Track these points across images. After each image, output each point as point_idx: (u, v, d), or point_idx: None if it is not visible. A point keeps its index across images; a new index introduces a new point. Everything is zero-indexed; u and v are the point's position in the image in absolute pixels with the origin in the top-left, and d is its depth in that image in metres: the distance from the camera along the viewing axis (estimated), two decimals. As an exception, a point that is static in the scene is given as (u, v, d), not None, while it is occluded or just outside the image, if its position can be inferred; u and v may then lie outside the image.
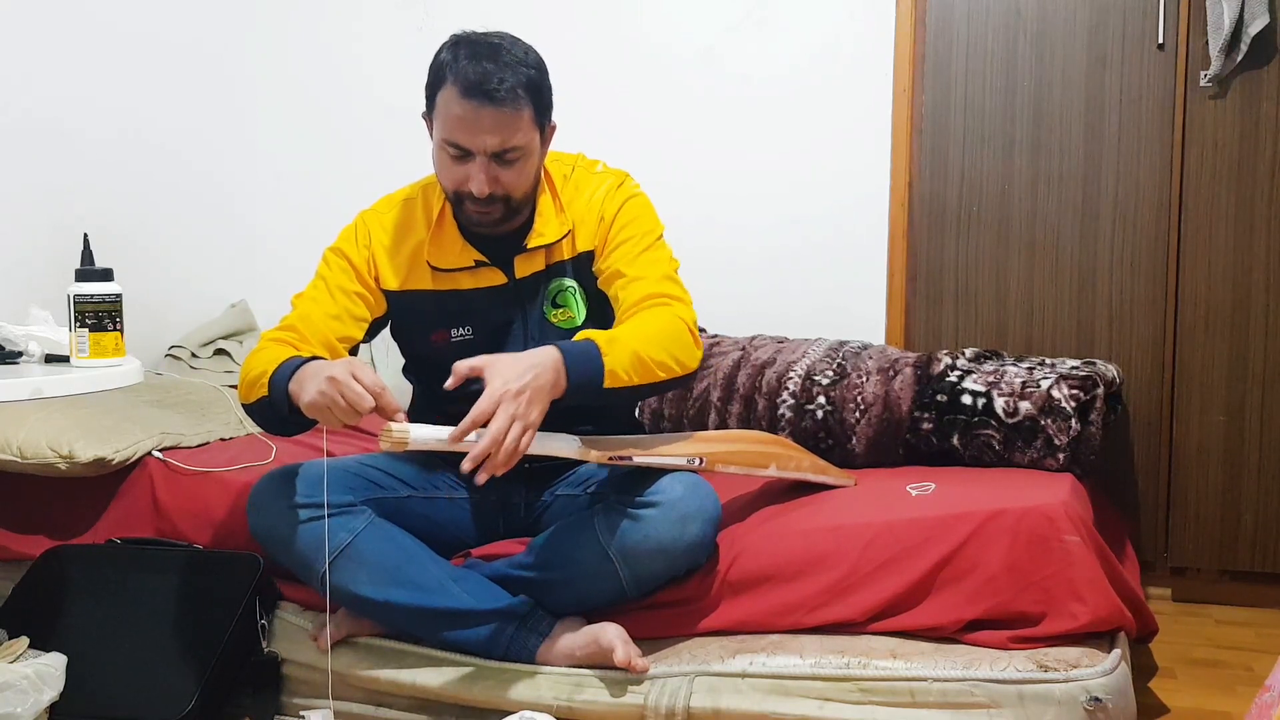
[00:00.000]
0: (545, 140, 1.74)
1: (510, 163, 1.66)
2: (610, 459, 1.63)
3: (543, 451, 1.58)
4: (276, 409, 1.60)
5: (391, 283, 1.79)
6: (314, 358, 1.63)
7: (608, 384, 1.55)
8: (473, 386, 1.52)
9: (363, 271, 1.78)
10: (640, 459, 1.63)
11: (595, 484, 1.78)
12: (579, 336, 1.61)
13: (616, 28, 2.82)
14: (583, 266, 1.81)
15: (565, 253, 1.81)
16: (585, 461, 1.66)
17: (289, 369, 1.59)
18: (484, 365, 1.50)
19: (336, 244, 1.82)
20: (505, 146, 1.63)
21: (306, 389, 1.53)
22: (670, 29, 2.79)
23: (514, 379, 1.48)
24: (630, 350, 1.58)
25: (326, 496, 1.65)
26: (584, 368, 1.54)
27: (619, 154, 2.26)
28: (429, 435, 1.50)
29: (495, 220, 1.71)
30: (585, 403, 1.56)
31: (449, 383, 1.50)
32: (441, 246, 1.77)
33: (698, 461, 1.72)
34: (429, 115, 1.70)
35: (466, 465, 1.46)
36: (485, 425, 1.47)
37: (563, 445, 1.60)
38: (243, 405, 1.71)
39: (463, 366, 1.50)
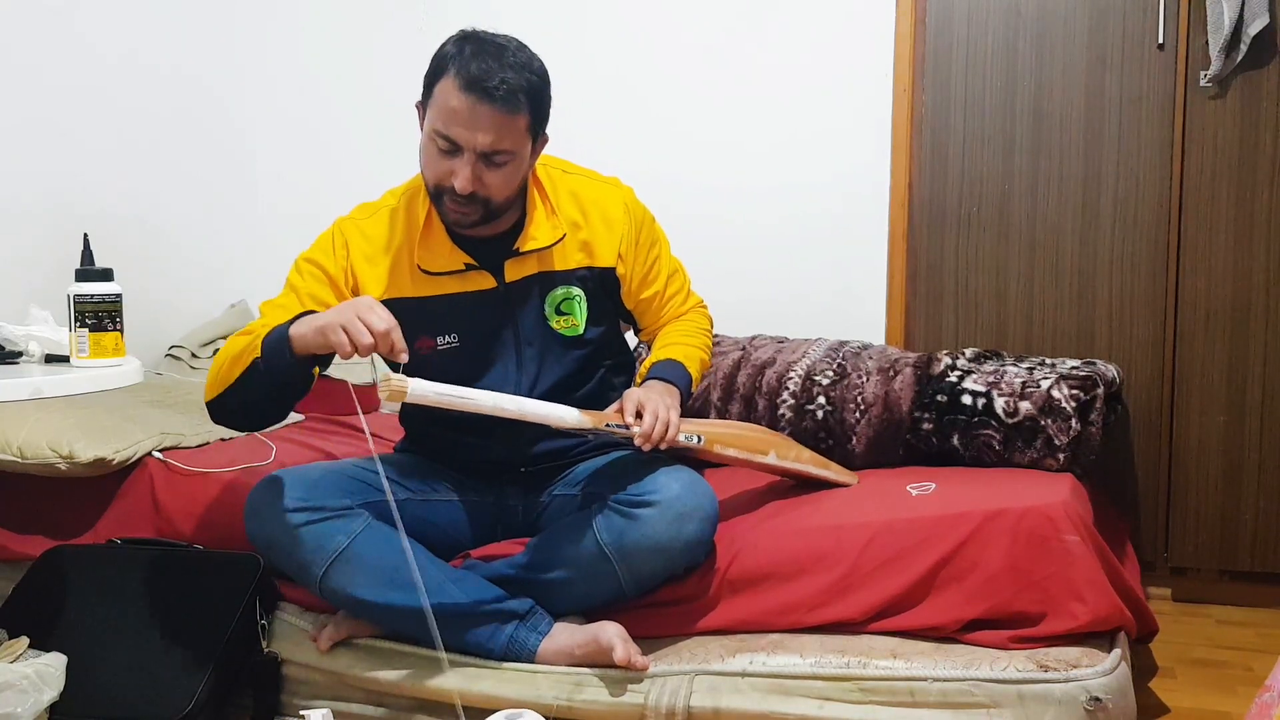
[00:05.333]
0: (536, 150, 1.72)
1: (498, 165, 1.64)
2: (607, 426, 1.66)
3: (543, 419, 1.62)
4: (271, 369, 1.55)
5: (373, 293, 1.74)
6: (305, 313, 1.60)
7: (692, 390, 1.85)
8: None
9: (339, 282, 1.74)
10: (637, 427, 1.64)
11: (592, 484, 1.78)
12: (658, 357, 1.82)
13: (617, 27, 2.82)
14: (596, 279, 1.81)
15: (570, 262, 1.80)
16: (581, 436, 1.71)
17: (284, 328, 1.56)
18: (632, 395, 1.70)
19: (310, 252, 1.77)
20: (496, 148, 1.62)
21: (317, 321, 1.51)
22: (670, 28, 2.79)
23: (660, 393, 1.72)
24: (697, 360, 1.87)
25: (385, 484, 1.62)
26: (688, 388, 1.81)
27: (618, 154, 2.27)
28: (428, 390, 1.51)
29: (472, 221, 1.69)
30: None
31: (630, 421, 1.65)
32: (430, 249, 1.75)
33: (696, 439, 1.73)
34: (423, 105, 1.68)
35: (639, 440, 1.63)
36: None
37: (563, 414, 1.63)
38: (218, 395, 1.63)
39: (629, 405, 1.68)
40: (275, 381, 1.59)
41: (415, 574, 1.57)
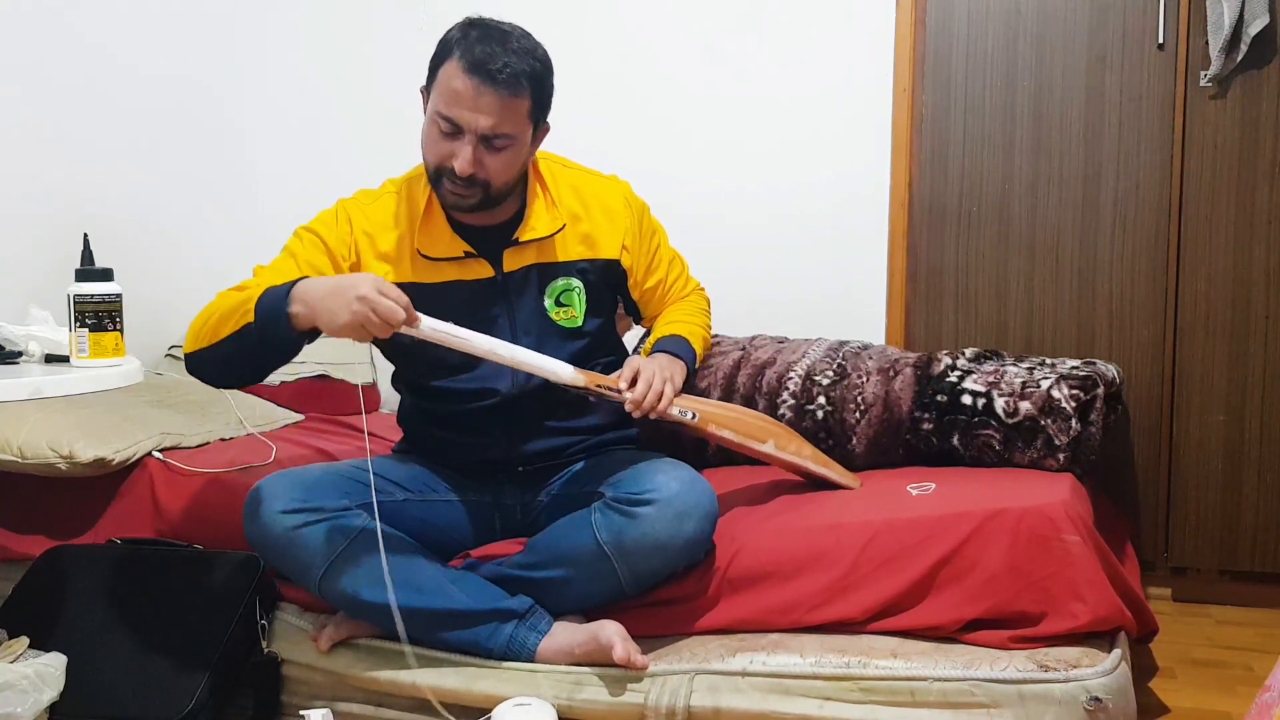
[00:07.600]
0: (537, 138, 1.74)
1: (498, 149, 1.65)
2: (598, 387, 1.68)
3: (536, 370, 1.66)
4: (266, 333, 1.53)
5: (374, 272, 1.73)
6: (300, 279, 1.57)
7: (695, 366, 1.90)
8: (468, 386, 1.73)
9: (338, 254, 1.74)
10: (629, 394, 1.66)
11: (590, 482, 1.78)
12: (663, 333, 1.88)
13: (616, 27, 2.82)
14: (598, 271, 1.82)
15: (570, 254, 1.81)
16: (575, 390, 1.72)
17: (280, 292, 1.54)
18: (633, 362, 1.75)
19: (312, 223, 1.77)
20: (496, 131, 1.63)
21: (331, 310, 1.48)
22: (670, 29, 2.79)
23: (662, 364, 1.77)
24: (700, 338, 1.94)
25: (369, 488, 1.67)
26: (693, 363, 1.87)
27: (619, 153, 2.27)
28: (437, 326, 1.55)
29: (471, 205, 1.70)
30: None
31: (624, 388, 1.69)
32: (430, 235, 1.76)
33: (690, 416, 1.74)
34: (427, 89, 1.69)
35: (629, 407, 1.67)
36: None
37: (557, 368, 1.67)
38: (200, 349, 1.60)
39: (627, 371, 1.72)
40: (266, 347, 1.57)
41: (386, 573, 1.60)
